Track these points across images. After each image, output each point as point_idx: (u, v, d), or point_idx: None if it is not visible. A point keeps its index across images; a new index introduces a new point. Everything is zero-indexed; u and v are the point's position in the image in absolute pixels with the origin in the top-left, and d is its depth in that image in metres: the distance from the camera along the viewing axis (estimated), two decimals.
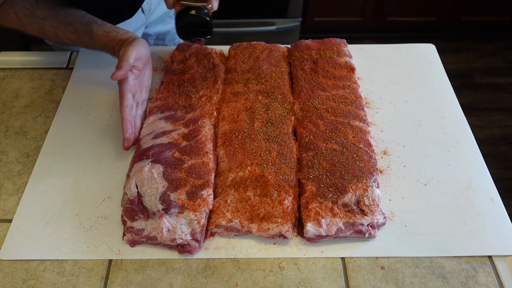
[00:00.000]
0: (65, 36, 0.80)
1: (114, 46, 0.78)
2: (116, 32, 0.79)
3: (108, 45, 0.79)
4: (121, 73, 0.70)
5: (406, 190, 0.71)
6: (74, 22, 0.79)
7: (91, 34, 0.79)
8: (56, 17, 0.79)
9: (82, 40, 0.80)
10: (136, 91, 0.77)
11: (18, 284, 0.62)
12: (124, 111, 0.73)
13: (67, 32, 0.80)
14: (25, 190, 0.72)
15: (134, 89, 0.76)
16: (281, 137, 0.74)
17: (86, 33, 0.79)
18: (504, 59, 2.43)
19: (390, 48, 0.97)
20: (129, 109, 0.73)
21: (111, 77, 0.70)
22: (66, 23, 0.79)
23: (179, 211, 0.65)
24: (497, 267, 0.63)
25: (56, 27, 0.79)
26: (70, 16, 0.79)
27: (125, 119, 0.73)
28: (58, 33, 0.80)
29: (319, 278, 0.62)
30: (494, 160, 1.95)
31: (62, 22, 0.79)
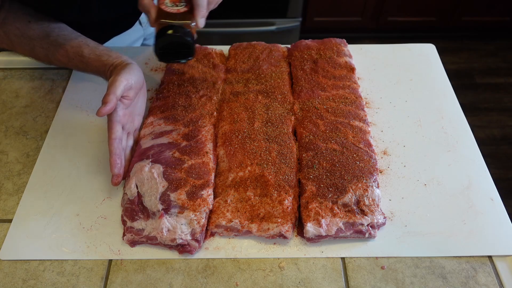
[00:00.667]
0: (55, 58, 0.77)
1: (105, 71, 0.74)
2: (108, 56, 0.74)
3: (99, 69, 0.75)
4: (106, 109, 0.65)
5: (406, 190, 0.71)
6: (65, 44, 0.75)
7: (81, 57, 0.75)
8: (47, 39, 0.76)
9: (73, 63, 0.77)
10: (126, 121, 0.72)
11: (18, 284, 0.62)
12: (112, 145, 0.67)
13: (58, 55, 0.76)
14: (25, 190, 0.72)
15: (124, 120, 0.71)
16: (281, 137, 0.74)
17: (76, 56, 0.75)
18: (504, 59, 2.44)
19: (390, 48, 0.97)
20: (118, 142, 0.68)
21: (96, 113, 0.64)
22: (57, 45, 0.75)
23: (179, 211, 0.65)
24: (497, 267, 0.63)
25: (47, 49, 0.76)
26: (61, 37, 0.76)
27: (113, 154, 0.67)
28: (49, 55, 0.77)
29: (319, 278, 0.62)
30: (494, 160, 1.95)
31: (53, 44, 0.75)
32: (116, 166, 0.67)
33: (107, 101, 0.65)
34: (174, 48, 0.67)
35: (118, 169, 0.67)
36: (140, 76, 0.73)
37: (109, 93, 0.66)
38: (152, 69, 0.92)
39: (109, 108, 0.65)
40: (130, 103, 0.72)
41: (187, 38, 0.65)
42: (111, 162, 0.67)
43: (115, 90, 0.66)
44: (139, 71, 0.73)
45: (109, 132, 0.68)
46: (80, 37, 0.77)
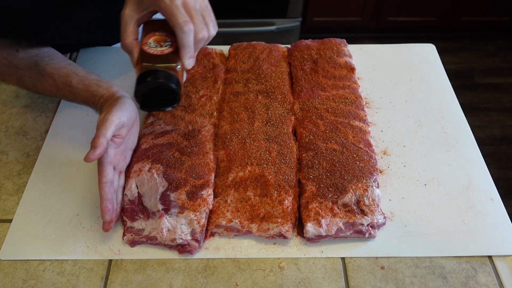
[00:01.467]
0: (43, 88, 0.73)
1: (95, 102, 0.69)
2: (98, 87, 0.69)
3: (88, 100, 0.70)
4: (96, 153, 0.59)
5: (406, 190, 0.71)
6: (53, 73, 0.71)
7: (70, 87, 0.70)
8: (35, 68, 0.72)
9: (61, 93, 0.72)
10: (118, 161, 0.66)
11: (18, 284, 0.62)
12: (103, 189, 0.61)
13: (46, 84, 0.72)
14: (25, 190, 0.72)
15: (116, 160, 0.65)
16: (281, 137, 0.74)
17: (65, 86, 0.70)
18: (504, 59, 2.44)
19: (390, 48, 0.97)
20: (109, 185, 0.62)
21: (84, 159, 0.58)
22: (45, 74, 0.71)
23: (179, 211, 0.65)
24: (497, 267, 0.63)
25: (35, 78, 0.72)
26: (49, 67, 0.72)
27: (104, 199, 0.61)
28: (37, 84, 0.73)
29: (319, 278, 0.62)
30: (494, 160, 1.95)
31: (41, 73, 0.71)
32: (108, 212, 0.62)
33: (96, 145, 0.59)
34: (157, 94, 0.60)
35: (109, 216, 0.62)
36: (133, 111, 0.67)
37: (99, 135, 0.59)
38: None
39: (98, 152, 0.59)
40: (122, 141, 0.66)
41: (170, 84, 0.58)
42: (102, 209, 0.61)
43: (105, 132, 0.60)
44: (132, 105, 0.67)
45: (100, 175, 0.62)
46: (69, 66, 0.73)
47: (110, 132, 0.61)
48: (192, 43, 0.59)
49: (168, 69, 0.59)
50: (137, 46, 0.60)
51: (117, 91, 0.68)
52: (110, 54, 0.94)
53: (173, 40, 0.61)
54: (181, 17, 0.57)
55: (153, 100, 0.62)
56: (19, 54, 0.72)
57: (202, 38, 0.60)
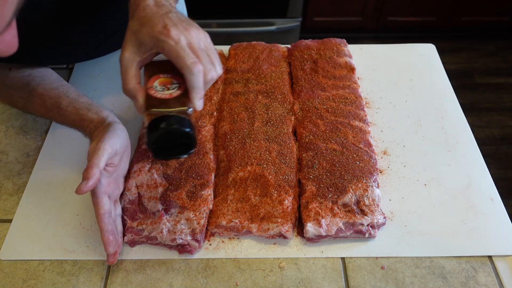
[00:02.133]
0: (33, 109, 0.71)
1: (83, 126, 0.66)
2: (87, 110, 0.66)
3: (77, 124, 0.67)
4: (89, 185, 0.56)
5: (406, 190, 0.71)
6: (43, 94, 0.69)
7: (59, 109, 0.67)
8: (26, 88, 0.70)
9: (50, 115, 0.70)
10: (112, 190, 0.64)
11: (18, 284, 0.62)
12: (103, 221, 0.59)
13: (36, 105, 0.70)
14: (25, 190, 0.72)
15: (110, 189, 0.63)
16: (281, 137, 0.74)
17: (54, 107, 0.68)
18: (504, 59, 2.43)
19: (390, 48, 0.97)
20: (108, 217, 0.60)
21: (76, 191, 0.56)
22: (36, 95, 0.69)
23: (179, 211, 0.65)
24: (497, 267, 0.63)
25: (25, 98, 0.70)
26: (40, 87, 0.70)
27: (105, 231, 0.59)
28: (27, 105, 0.71)
29: (319, 278, 0.62)
30: (494, 160, 1.95)
31: (32, 94, 0.69)
32: (111, 244, 0.59)
33: (89, 176, 0.56)
34: (171, 141, 0.57)
35: (113, 248, 0.60)
36: (125, 138, 0.64)
37: (92, 166, 0.57)
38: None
39: (91, 184, 0.56)
40: (115, 170, 0.64)
41: (184, 129, 0.55)
42: (104, 241, 0.59)
43: (98, 162, 0.57)
44: (124, 132, 0.64)
45: (96, 207, 0.59)
46: (61, 87, 0.70)
47: (103, 162, 0.58)
48: (202, 84, 0.55)
49: (180, 113, 0.55)
50: (142, 90, 0.56)
51: (107, 116, 0.66)
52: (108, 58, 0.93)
53: (180, 81, 0.57)
54: (188, 59, 0.53)
55: (167, 148, 0.58)
56: (11, 73, 0.71)
57: (211, 79, 0.56)
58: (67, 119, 0.68)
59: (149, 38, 0.53)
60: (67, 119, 0.68)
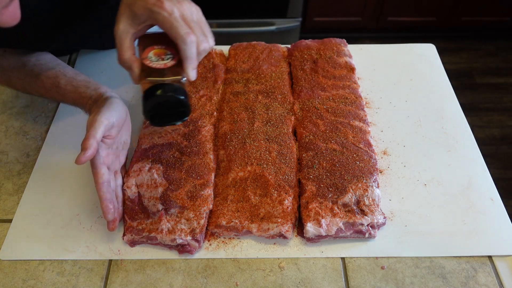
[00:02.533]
0: (32, 89, 0.73)
1: (83, 104, 0.68)
2: (86, 88, 0.68)
3: (76, 102, 0.69)
4: (86, 155, 0.58)
5: (406, 190, 0.71)
6: (41, 74, 0.70)
7: (58, 89, 0.69)
8: (23, 69, 0.71)
9: (50, 94, 0.72)
10: (111, 161, 0.66)
11: (18, 284, 0.62)
12: (101, 190, 0.61)
13: (34, 85, 0.71)
14: (25, 190, 0.72)
15: (109, 160, 0.65)
16: (281, 137, 0.74)
17: (53, 87, 0.70)
18: (504, 59, 2.44)
19: (390, 48, 0.97)
20: (106, 185, 0.62)
21: (75, 161, 0.58)
22: (33, 75, 0.70)
23: (179, 211, 0.65)
24: (497, 267, 0.63)
25: (23, 79, 0.71)
26: (37, 67, 0.71)
27: (104, 199, 0.61)
28: (25, 85, 0.72)
29: (319, 278, 0.62)
30: (494, 160, 1.95)
31: (29, 75, 0.71)
32: (110, 212, 0.62)
33: (86, 146, 0.58)
34: (166, 109, 0.59)
35: (111, 215, 0.62)
36: (122, 110, 0.66)
37: (88, 137, 0.59)
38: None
39: (89, 154, 0.58)
40: (113, 142, 0.66)
41: (179, 96, 0.57)
42: (103, 209, 0.62)
43: (95, 133, 0.60)
44: (121, 105, 0.66)
45: (95, 177, 0.62)
46: (58, 66, 0.72)
47: (99, 133, 0.60)
48: (195, 54, 0.57)
49: (174, 82, 0.58)
50: (137, 61, 0.58)
51: (105, 92, 0.67)
52: (110, 56, 0.94)
53: (174, 52, 0.59)
54: (182, 29, 0.55)
55: (162, 115, 0.61)
56: (6, 54, 0.72)
57: (203, 49, 0.59)
58: (67, 97, 0.70)
59: (143, 10, 0.55)
60: (67, 97, 0.70)
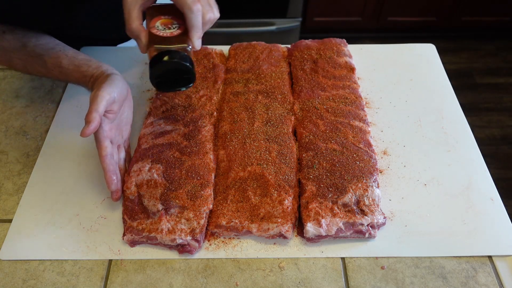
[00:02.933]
0: (34, 69, 0.74)
1: (86, 82, 0.71)
2: (87, 66, 0.71)
3: (79, 81, 0.72)
4: (90, 128, 0.61)
5: (406, 190, 0.71)
6: (42, 54, 0.72)
7: (60, 68, 0.72)
8: (24, 50, 0.73)
9: (52, 74, 0.74)
10: (114, 135, 0.69)
11: (18, 284, 0.62)
12: (104, 162, 0.65)
13: (36, 66, 0.73)
14: (25, 190, 0.72)
15: (112, 134, 0.68)
16: (281, 137, 0.74)
17: (55, 67, 0.72)
18: (504, 59, 2.44)
19: (390, 48, 0.97)
20: (109, 158, 0.65)
21: (80, 134, 0.61)
22: (35, 55, 0.72)
23: (179, 211, 0.65)
24: (497, 267, 0.63)
25: (25, 60, 0.73)
26: (38, 48, 0.73)
27: (107, 171, 0.65)
28: (27, 66, 0.74)
29: (319, 278, 0.62)
30: (494, 160, 1.95)
31: (30, 55, 0.72)
32: (113, 183, 0.65)
33: (90, 120, 0.62)
34: (172, 75, 0.62)
35: (115, 186, 0.66)
36: (123, 87, 0.69)
37: (91, 110, 0.62)
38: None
39: (93, 127, 0.62)
40: (115, 116, 0.69)
41: (185, 63, 0.60)
42: (107, 180, 0.65)
43: (97, 107, 0.63)
44: (122, 81, 0.69)
45: (99, 150, 0.65)
46: (58, 46, 0.74)
47: (101, 107, 0.63)
48: (200, 23, 0.60)
49: (180, 49, 0.60)
50: (144, 30, 0.61)
51: (106, 70, 0.70)
52: (111, 54, 0.94)
53: (180, 22, 0.62)
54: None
55: (168, 81, 0.63)
56: (5, 36, 0.72)
57: (209, 20, 0.61)
58: (70, 77, 0.72)
59: None
60: (70, 77, 0.72)
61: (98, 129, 0.64)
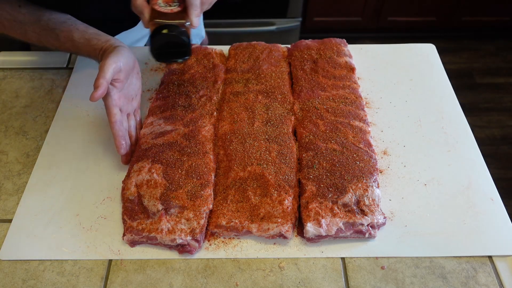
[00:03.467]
0: (47, 42, 0.78)
1: (96, 55, 0.75)
2: (97, 40, 0.75)
3: (90, 54, 0.76)
4: (98, 93, 0.66)
5: (406, 190, 0.71)
6: (55, 28, 0.76)
7: (72, 42, 0.76)
8: (38, 23, 0.77)
9: (65, 47, 0.78)
10: (122, 104, 0.73)
11: (18, 284, 0.62)
12: (114, 128, 0.69)
13: (50, 38, 0.77)
14: (25, 190, 0.72)
15: (120, 102, 0.72)
16: (281, 137, 0.74)
17: (67, 40, 0.77)
18: (504, 59, 2.43)
19: (390, 48, 0.97)
20: (119, 124, 0.70)
21: (89, 98, 0.66)
22: (48, 29, 0.77)
23: (179, 211, 0.65)
24: (497, 267, 0.63)
25: (38, 33, 0.77)
26: (52, 22, 0.77)
27: (116, 136, 0.70)
28: (41, 38, 0.78)
29: (319, 278, 0.62)
30: (494, 160, 1.94)
31: (44, 28, 0.77)
32: (122, 147, 0.71)
33: (97, 85, 0.66)
34: (170, 48, 0.67)
35: (124, 150, 0.71)
36: (129, 57, 0.74)
37: (99, 77, 0.67)
38: (152, 69, 0.92)
39: (100, 92, 0.66)
40: (122, 85, 0.73)
41: (182, 37, 0.66)
42: (116, 145, 0.70)
43: (104, 74, 0.67)
44: (128, 53, 0.74)
45: (109, 116, 0.70)
46: (69, 20, 0.78)
47: (108, 74, 0.67)
48: (198, 2, 0.66)
49: (179, 25, 0.66)
50: (147, 7, 0.66)
51: (114, 42, 0.75)
52: None
53: (180, 1, 0.68)
54: None
55: (167, 53, 0.68)
56: (21, 9, 0.76)
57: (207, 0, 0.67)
58: (81, 50, 0.77)
59: None
60: (81, 50, 0.77)
61: (108, 98, 0.69)
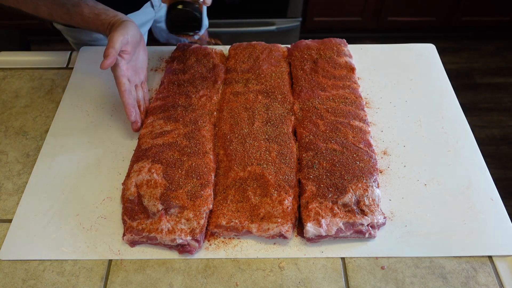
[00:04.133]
0: (58, 16, 0.81)
1: (105, 29, 0.79)
2: (106, 15, 0.79)
3: (99, 28, 0.80)
4: (108, 62, 0.71)
5: (406, 190, 0.71)
6: (66, 3, 0.80)
7: (82, 16, 0.80)
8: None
9: (75, 21, 0.81)
10: (130, 75, 0.78)
11: (18, 284, 0.62)
12: (124, 96, 0.74)
13: (60, 13, 0.81)
14: (25, 190, 0.72)
15: (128, 73, 0.77)
16: (281, 137, 0.74)
17: (77, 15, 0.80)
18: (504, 59, 2.43)
19: (390, 48, 0.97)
20: (128, 93, 0.75)
21: (100, 66, 0.70)
22: (59, 4, 0.80)
23: (179, 211, 0.65)
24: (497, 267, 0.63)
25: (50, 8, 0.80)
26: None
27: (126, 104, 0.75)
28: (52, 13, 0.81)
29: (319, 278, 0.62)
30: (494, 160, 1.94)
31: (55, 3, 0.80)
32: (132, 114, 0.76)
33: (107, 54, 0.71)
34: (184, 21, 0.75)
35: (134, 117, 0.76)
36: (135, 31, 0.78)
37: (108, 47, 0.71)
38: (152, 69, 0.92)
39: (110, 61, 0.71)
40: (130, 57, 0.78)
41: (195, 12, 0.74)
42: (126, 112, 0.75)
43: (113, 44, 0.72)
44: (135, 27, 0.78)
45: (118, 86, 0.74)
46: None
47: (117, 45, 0.72)
48: None
49: (193, 1, 0.74)
50: None
51: (122, 17, 0.79)
52: None
53: None
54: None
55: (180, 26, 0.77)
56: None
57: None
58: (90, 25, 0.80)
59: None
60: (90, 25, 0.80)
61: (116, 68, 0.74)
